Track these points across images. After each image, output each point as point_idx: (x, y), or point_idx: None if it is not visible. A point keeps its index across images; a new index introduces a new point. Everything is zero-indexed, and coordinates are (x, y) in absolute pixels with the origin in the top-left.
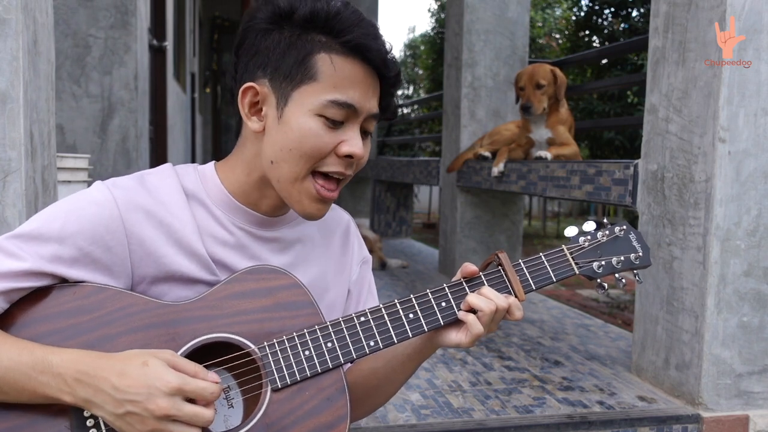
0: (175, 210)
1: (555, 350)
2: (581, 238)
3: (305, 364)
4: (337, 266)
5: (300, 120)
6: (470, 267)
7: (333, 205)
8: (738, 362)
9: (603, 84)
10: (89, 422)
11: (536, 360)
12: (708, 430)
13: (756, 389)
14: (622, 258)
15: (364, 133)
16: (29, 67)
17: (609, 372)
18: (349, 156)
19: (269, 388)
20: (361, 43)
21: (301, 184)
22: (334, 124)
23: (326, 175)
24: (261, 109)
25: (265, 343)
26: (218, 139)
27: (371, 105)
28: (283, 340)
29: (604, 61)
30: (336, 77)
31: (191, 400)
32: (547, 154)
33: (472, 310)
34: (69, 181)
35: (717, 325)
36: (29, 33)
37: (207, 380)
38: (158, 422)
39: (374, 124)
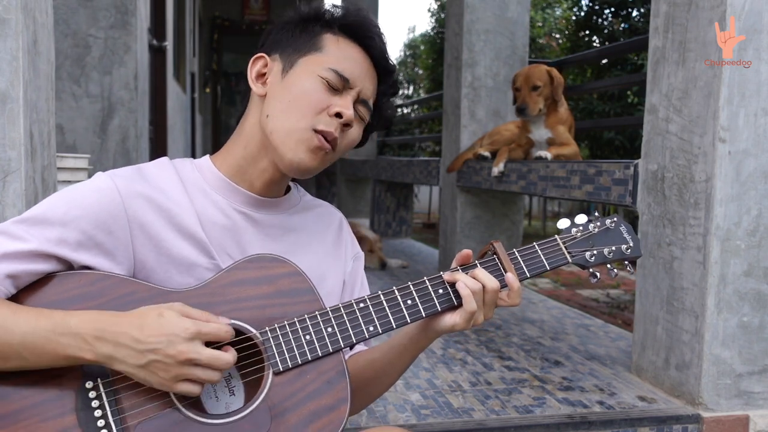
0: (173, 196)
1: (555, 350)
2: (573, 230)
3: (306, 348)
4: (332, 256)
5: (302, 78)
6: (465, 251)
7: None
8: (738, 362)
9: (603, 84)
10: (94, 403)
11: (536, 360)
12: (708, 430)
13: (756, 389)
14: (614, 248)
15: (358, 115)
16: (29, 67)
17: (609, 372)
18: (339, 115)
19: (271, 371)
20: (363, 25)
21: (301, 133)
22: (331, 89)
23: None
24: (267, 79)
25: (267, 328)
26: (218, 139)
27: (365, 86)
28: (284, 325)
29: (604, 61)
30: (339, 54)
31: (208, 346)
32: (547, 154)
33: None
34: (69, 181)
35: (717, 325)
36: (29, 33)
37: (219, 323)
38: (181, 367)
39: (367, 113)
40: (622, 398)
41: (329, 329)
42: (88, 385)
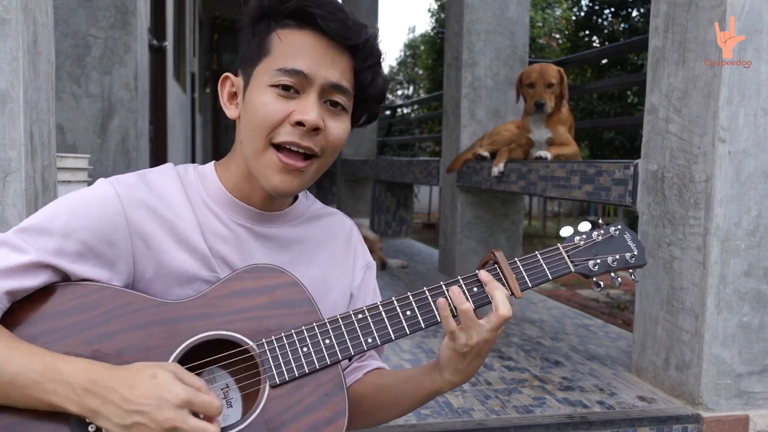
0: (176, 207)
1: (555, 350)
2: (576, 238)
3: (303, 361)
4: (339, 269)
5: (255, 95)
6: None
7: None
8: (738, 362)
9: (603, 84)
10: (91, 428)
11: (536, 360)
12: (708, 430)
13: (756, 389)
14: (618, 257)
15: (335, 106)
16: (29, 67)
17: (609, 372)
18: (300, 124)
19: (267, 384)
20: (300, 7)
21: (262, 157)
22: (287, 92)
23: (287, 149)
24: (237, 99)
25: (264, 340)
26: (218, 139)
27: (328, 73)
28: (282, 337)
29: (604, 61)
30: (285, 48)
31: (195, 415)
32: (547, 154)
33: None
34: (69, 181)
35: (717, 325)
36: (29, 33)
37: (211, 396)
38: None
39: (343, 97)
40: (622, 398)
41: (327, 341)
42: None
